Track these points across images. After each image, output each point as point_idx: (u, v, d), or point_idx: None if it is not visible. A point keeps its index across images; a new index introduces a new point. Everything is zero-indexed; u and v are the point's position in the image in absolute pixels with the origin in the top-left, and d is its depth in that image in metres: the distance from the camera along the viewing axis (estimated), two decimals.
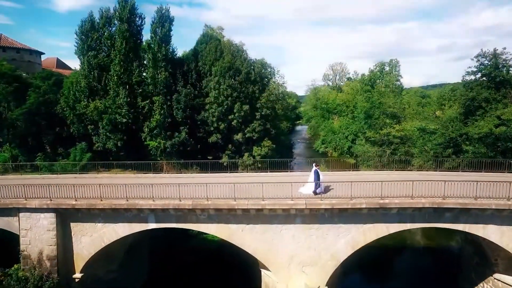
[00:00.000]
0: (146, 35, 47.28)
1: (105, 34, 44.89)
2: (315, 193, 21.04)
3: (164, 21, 43.63)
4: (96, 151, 45.35)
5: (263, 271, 22.36)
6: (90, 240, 22.15)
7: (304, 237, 20.74)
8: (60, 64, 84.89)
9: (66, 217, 22.02)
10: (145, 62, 46.21)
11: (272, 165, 30.07)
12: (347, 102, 76.70)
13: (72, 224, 22.18)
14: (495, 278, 21.76)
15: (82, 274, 22.14)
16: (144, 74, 45.71)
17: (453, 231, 24.37)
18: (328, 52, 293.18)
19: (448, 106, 54.17)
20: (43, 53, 69.05)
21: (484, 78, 37.66)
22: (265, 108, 45.43)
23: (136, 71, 43.83)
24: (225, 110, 44.24)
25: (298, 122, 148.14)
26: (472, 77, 38.44)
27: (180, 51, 64.78)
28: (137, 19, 45.21)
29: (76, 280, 21.99)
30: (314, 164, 22.52)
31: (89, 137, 45.25)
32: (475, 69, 37.90)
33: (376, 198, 19.66)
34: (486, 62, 36.98)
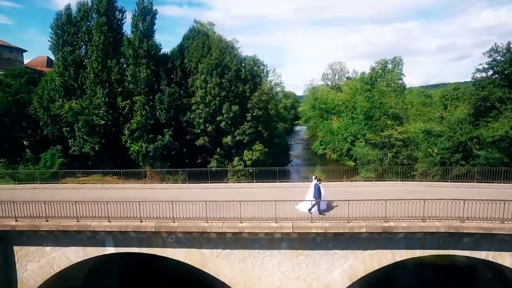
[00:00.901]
0: (129, 31, 43.61)
1: (83, 28, 41.28)
2: (312, 211, 17.50)
3: (146, 14, 40.07)
4: (73, 156, 41.90)
5: None
6: (37, 266, 18.54)
7: (291, 265, 17.15)
8: (51, 62, 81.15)
9: (7, 240, 18.42)
10: (129, 59, 42.60)
11: (262, 174, 26.04)
12: (346, 102, 73.09)
13: (15, 248, 18.58)
14: None
15: None
16: (126, 72, 42.13)
17: None
18: (328, 52, 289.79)
19: (454, 106, 50.64)
20: (25, 51, 65.59)
21: (497, 76, 34.03)
22: (257, 109, 41.84)
23: (116, 68, 40.22)
24: (213, 111, 40.69)
25: (297, 122, 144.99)
26: (483, 74, 34.84)
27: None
28: (116, 12, 41.74)
29: None
30: (314, 177, 18.87)
31: (66, 140, 41.74)
32: (486, 66, 34.31)
33: (379, 221, 16.05)
34: (499, 57, 33.38)
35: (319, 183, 18.30)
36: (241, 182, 28.83)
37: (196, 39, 43.56)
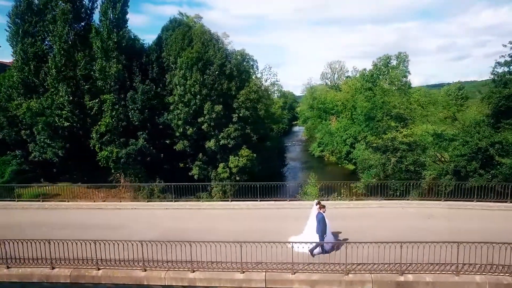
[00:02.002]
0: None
1: (48, 16, 36.09)
2: (315, 252, 12.69)
3: (116, 1, 34.98)
4: (35, 163, 36.98)
5: None
6: None
7: None
8: None
9: None
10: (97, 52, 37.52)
11: (246, 191, 20.32)
12: (346, 102, 68.19)
13: None
14: None
15: None
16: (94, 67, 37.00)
17: None
18: (328, 52, 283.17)
19: (465, 106, 45.71)
20: None
21: None
22: (244, 109, 36.83)
23: (82, 63, 35.19)
24: (193, 111, 35.69)
25: (295, 122, 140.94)
26: (505, 68, 29.83)
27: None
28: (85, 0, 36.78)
29: None
30: (315, 203, 13.93)
31: (27, 144, 36.73)
32: (509, 59, 29.31)
33: (392, 272, 11.07)
34: None
35: (323, 212, 13.31)
36: (220, 200, 23.75)
37: (176, 31, 38.57)
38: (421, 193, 26.76)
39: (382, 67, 55.88)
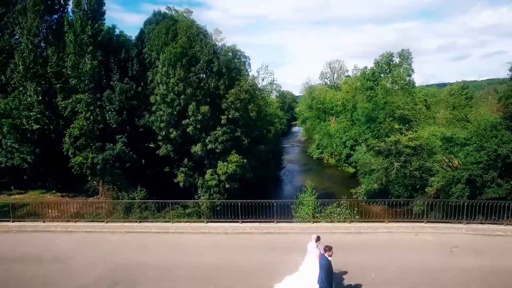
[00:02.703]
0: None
1: (17, 7, 32.67)
2: None
3: None
4: (2, 168, 33.53)
5: None
6: None
7: None
8: None
9: None
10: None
11: (226, 209, 16.46)
12: (345, 102, 64.88)
13: None
14: None
15: None
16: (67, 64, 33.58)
17: None
18: (328, 52, 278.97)
19: (475, 107, 42.46)
20: None
21: None
22: (233, 110, 33.41)
23: (54, 59, 31.77)
24: (177, 113, 32.32)
25: (294, 123, 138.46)
26: None
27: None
28: None
29: None
30: (314, 238, 10.24)
31: None
32: None
33: None
34: None
35: (330, 256, 9.29)
36: (194, 221, 20.22)
37: (160, 24, 35.17)
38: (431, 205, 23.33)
39: (384, 65, 52.39)
